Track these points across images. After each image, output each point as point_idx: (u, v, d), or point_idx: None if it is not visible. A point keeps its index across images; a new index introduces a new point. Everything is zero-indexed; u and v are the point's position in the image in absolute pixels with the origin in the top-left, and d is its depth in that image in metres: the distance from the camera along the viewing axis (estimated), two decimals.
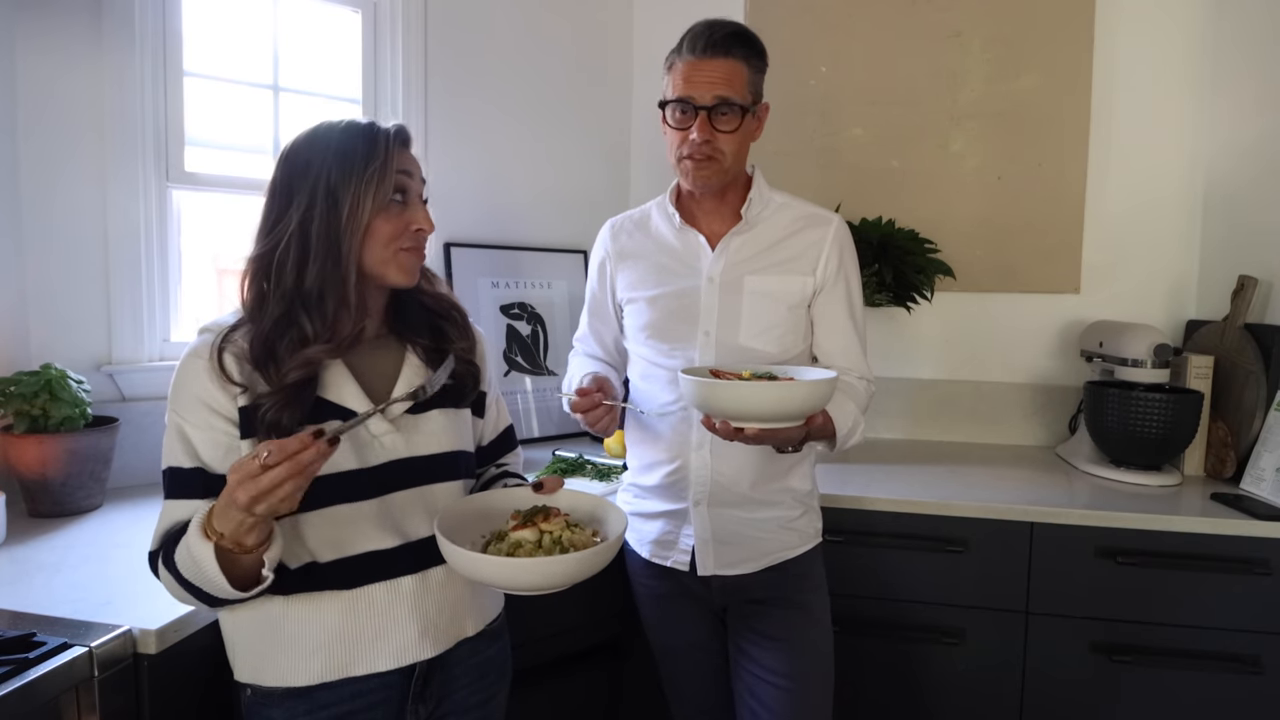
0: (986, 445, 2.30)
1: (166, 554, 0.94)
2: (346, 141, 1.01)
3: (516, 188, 2.31)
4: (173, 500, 0.97)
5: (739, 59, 1.34)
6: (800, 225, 1.44)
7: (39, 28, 1.59)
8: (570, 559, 0.96)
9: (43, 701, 0.91)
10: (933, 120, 2.33)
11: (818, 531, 1.49)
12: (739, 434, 1.20)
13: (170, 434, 0.98)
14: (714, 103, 1.32)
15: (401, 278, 1.05)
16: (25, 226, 1.59)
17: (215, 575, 0.88)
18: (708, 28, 1.34)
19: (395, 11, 2.06)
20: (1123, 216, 2.27)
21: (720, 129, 1.33)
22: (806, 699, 1.41)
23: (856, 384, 1.43)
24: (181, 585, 0.93)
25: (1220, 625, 1.65)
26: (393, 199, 1.02)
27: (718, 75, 1.32)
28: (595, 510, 1.13)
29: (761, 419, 1.17)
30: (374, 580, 1.02)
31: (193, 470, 0.97)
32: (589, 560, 0.97)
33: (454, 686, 1.10)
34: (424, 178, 1.09)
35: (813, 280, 1.41)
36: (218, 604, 0.94)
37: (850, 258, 1.45)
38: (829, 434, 1.34)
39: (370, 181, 1.00)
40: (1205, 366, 1.97)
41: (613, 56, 2.50)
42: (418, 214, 1.05)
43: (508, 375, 2.20)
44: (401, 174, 1.03)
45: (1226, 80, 2.16)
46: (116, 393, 1.70)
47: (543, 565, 0.95)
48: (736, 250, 1.42)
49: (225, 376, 0.96)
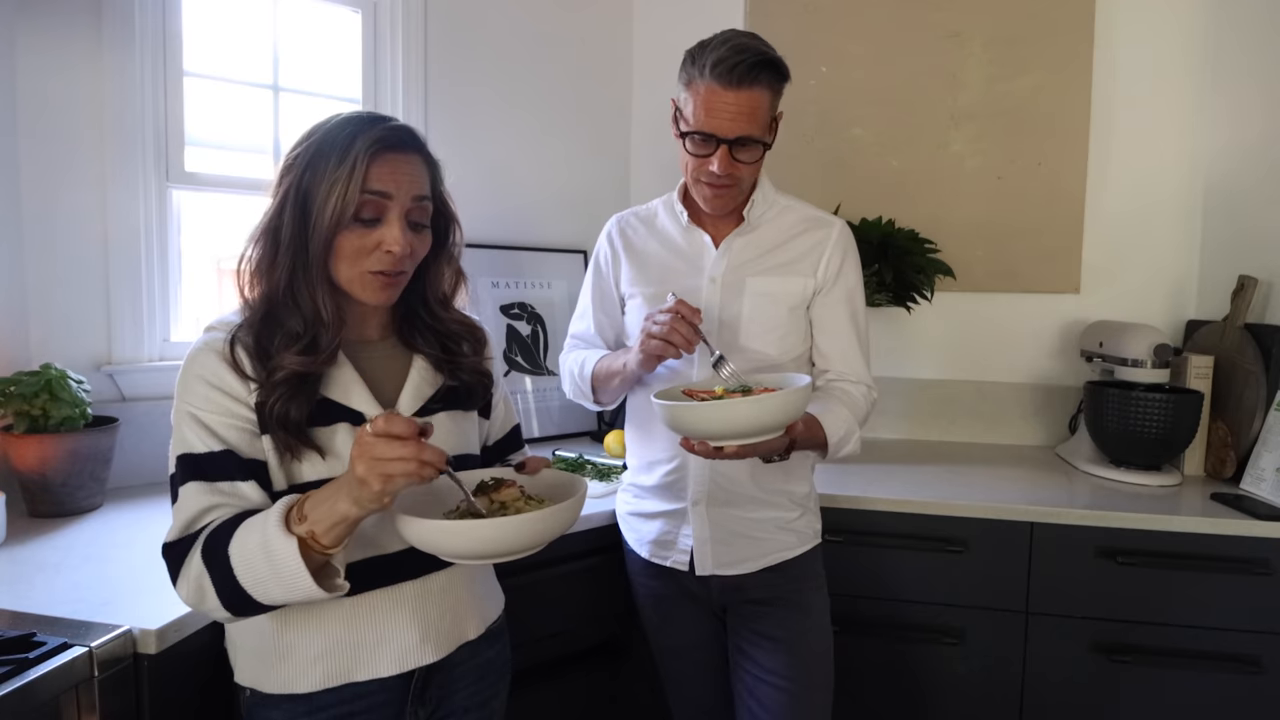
0: (986, 445, 2.30)
1: (210, 547, 0.89)
2: (325, 141, 0.96)
3: (517, 187, 2.31)
4: (192, 484, 0.92)
5: (764, 87, 1.28)
6: (803, 228, 1.43)
7: (39, 28, 1.59)
8: (502, 522, 0.90)
9: (43, 701, 0.91)
10: (933, 120, 2.33)
11: (817, 533, 1.49)
12: (719, 453, 1.19)
13: (182, 425, 0.94)
14: (737, 138, 1.29)
15: (369, 299, 1.00)
16: (25, 226, 1.59)
17: (295, 567, 0.85)
18: (734, 53, 1.26)
19: (395, 11, 2.06)
20: (1123, 216, 2.26)
21: (741, 160, 1.31)
22: (806, 700, 1.41)
23: (853, 390, 1.41)
24: (216, 582, 0.88)
25: (1220, 625, 1.65)
26: (358, 218, 0.95)
27: (742, 109, 1.27)
28: (563, 484, 1.07)
29: (736, 436, 1.16)
30: (377, 586, 1.02)
31: (223, 453, 0.93)
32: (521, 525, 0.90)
33: (454, 688, 1.10)
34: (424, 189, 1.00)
35: (813, 282, 1.41)
36: (245, 611, 0.90)
37: (852, 262, 1.44)
38: (819, 443, 1.34)
39: (331, 193, 0.93)
40: (1205, 366, 1.97)
41: (613, 56, 2.50)
42: (390, 233, 0.96)
43: (508, 375, 2.20)
44: (371, 194, 0.94)
45: (1226, 80, 2.15)
46: (116, 393, 1.70)
47: (475, 528, 0.90)
48: (739, 251, 1.42)
49: (240, 370, 0.95)
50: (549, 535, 0.94)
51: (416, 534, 0.92)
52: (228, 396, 0.94)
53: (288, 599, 0.88)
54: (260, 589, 0.87)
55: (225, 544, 0.88)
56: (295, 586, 0.86)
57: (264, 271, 0.98)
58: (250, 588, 0.87)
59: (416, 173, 1.00)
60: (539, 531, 0.92)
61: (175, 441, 0.96)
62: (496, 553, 0.92)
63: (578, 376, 1.51)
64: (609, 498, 1.67)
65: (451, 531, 0.90)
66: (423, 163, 1.02)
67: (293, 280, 0.96)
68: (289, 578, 0.86)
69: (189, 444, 0.94)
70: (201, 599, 0.90)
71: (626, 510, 1.54)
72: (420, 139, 1.03)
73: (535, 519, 0.91)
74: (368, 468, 0.83)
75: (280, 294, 0.97)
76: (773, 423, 1.16)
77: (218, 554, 0.88)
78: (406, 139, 1.00)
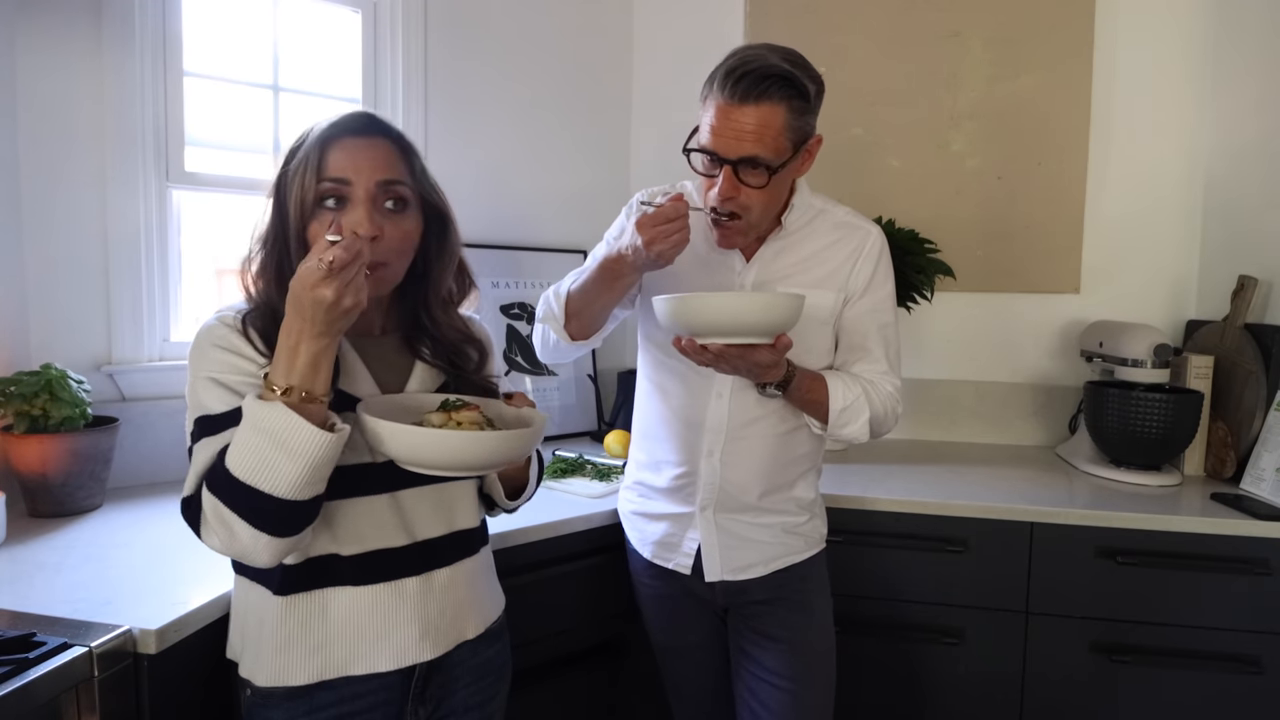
0: (986, 445, 2.30)
1: (211, 476, 0.89)
2: (300, 134, 1.00)
3: (517, 187, 2.31)
4: (207, 438, 0.92)
5: (776, 102, 1.18)
6: (838, 235, 1.38)
7: (39, 27, 1.58)
8: (461, 435, 0.93)
9: (43, 701, 0.91)
10: (932, 120, 2.33)
11: (823, 537, 1.49)
12: (704, 351, 1.16)
13: (199, 391, 0.95)
14: (739, 158, 1.20)
15: None
16: (25, 226, 1.59)
17: (291, 422, 0.84)
18: (742, 63, 1.18)
19: (395, 11, 2.06)
20: (1123, 216, 2.26)
21: (746, 183, 1.22)
22: (807, 700, 1.41)
23: (879, 383, 1.35)
24: (233, 505, 0.87)
25: (1220, 625, 1.65)
26: (321, 204, 0.97)
27: (747, 127, 1.18)
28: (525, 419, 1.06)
29: (723, 331, 1.14)
30: (381, 580, 1.02)
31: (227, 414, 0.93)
32: (480, 441, 0.93)
33: (454, 687, 1.10)
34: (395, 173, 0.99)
35: (843, 294, 1.37)
36: (276, 520, 0.87)
37: (885, 272, 1.39)
38: (820, 399, 1.30)
39: (293, 184, 0.96)
40: (1205, 366, 1.97)
41: (613, 57, 2.50)
42: (350, 216, 0.96)
43: (508, 375, 2.20)
44: (330, 181, 0.95)
45: (1226, 80, 2.15)
46: (116, 393, 1.70)
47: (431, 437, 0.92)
48: (771, 260, 1.37)
49: (253, 345, 0.96)
50: (499, 457, 0.96)
51: (373, 434, 0.94)
52: (244, 359, 0.96)
53: (302, 465, 0.86)
54: (271, 474, 0.85)
55: (223, 462, 0.88)
56: (299, 441, 0.85)
57: (260, 272, 1.00)
58: (262, 482, 0.85)
59: (379, 156, 0.99)
60: (490, 451, 0.95)
61: (192, 408, 0.96)
62: (445, 464, 0.94)
63: (553, 296, 1.38)
64: (609, 498, 1.67)
65: (398, 434, 0.92)
66: (391, 146, 1.02)
67: (280, 277, 0.97)
68: (289, 435, 0.85)
69: (206, 407, 0.94)
70: (230, 534, 0.88)
71: (630, 509, 1.53)
72: (384, 123, 1.03)
73: (488, 438, 0.94)
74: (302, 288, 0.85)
75: (272, 288, 0.99)
76: (756, 321, 1.14)
77: (219, 473, 0.88)
78: (365, 123, 1.01)
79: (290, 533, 0.90)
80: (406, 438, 0.93)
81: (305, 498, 0.89)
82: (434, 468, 0.95)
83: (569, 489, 1.75)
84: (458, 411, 0.99)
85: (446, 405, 1.00)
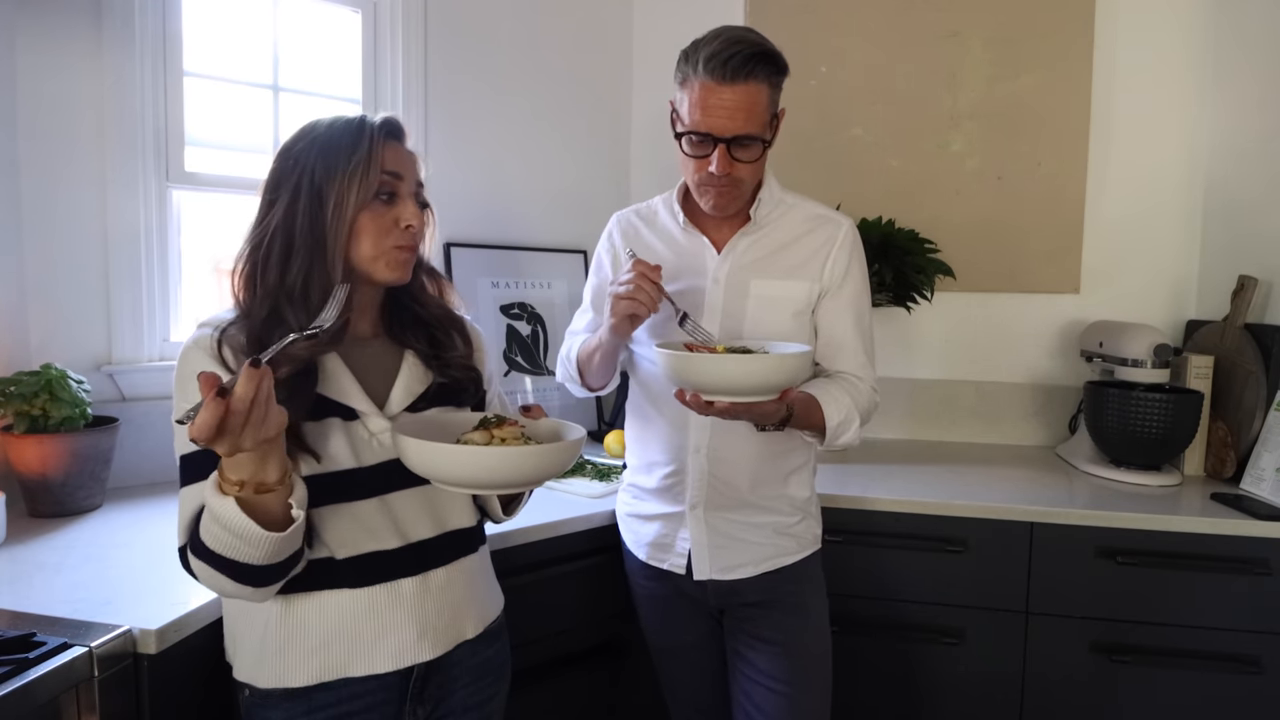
0: (986, 445, 2.30)
1: (194, 539, 0.92)
2: (332, 136, 1.01)
3: (516, 188, 2.31)
4: (190, 487, 0.95)
5: (761, 81, 1.25)
6: (809, 227, 1.41)
7: (39, 28, 1.59)
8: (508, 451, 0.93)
9: (43, 701, 0.91)
10: (933, 120, 2.33)
11: (817, 538, 1.48)
12: (709, 407, 1.17)
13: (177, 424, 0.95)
14: (734, 136, 1.26)
15: (390, 275, 1.05)
16: (25, 226, 1.59)
17: (243, 523, 0.86)
18: (727, 47, 1.23)
19: (395, 11, 2.06)
20: (1123, 216, 2.26)
21: (740, 159, 1.28)
22: (803, 704, 1.40)
23: (859, 384, 1.39)
24: (216, 568, 0.90)
25: (1220, 625, 1.65)
26: (379, 196, 1.01)
27: (739, 105, 1.24)
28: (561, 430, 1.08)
29: (731, 392, 1.15)
30: (376, 581, 1.02)
31: (206, 453, 0.92)
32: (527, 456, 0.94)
33: (453, 687, 1.10)
34: (421, 175, 1.08)
35: (818, 285, 1.39)
36: (258, 579, 0.91)
37: (858, 263, 1.42)
38: (817, 423, 1.32)
39: (353, 177, 0.99)
40: (1205, 366, 1.97)
41: (613, 57, 2.50)
42: (406, 209, 1.03)
43: (508, 375, 2.20)
44: (388, 175, 1.01)
45: (1226, 80, 2.15)
46: (116, 393, 1.70)
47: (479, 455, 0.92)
48: (743, 252, 1.40)
49: (227, 366, 0.96)
50: (545, 471, 0.98)
51: (418, 456, 0.94)
52: None
53: (263, 551, 0.88)
54: (239, 554, 0.88)
55: (199, 531, 0.91)
56: (254, 536, 0.87)
57: (280, 265, 0.99)
58: (236, 555, 0.88)
59: (415, 159, 1.09)
60: (536, 466, 0.96)
61: (176, 444, 0.97)
62: (493, 483, 0.96)
63: (566, 360, 1.50)
64: (609, 498, 1.67)
65: (455, 455, 0.93)
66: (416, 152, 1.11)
67: (310, 272, 0.98)
68: (243, 530, 0.87)
69: (186, 444, 0.96)
70: (220, 587, 0.93)
71: (625, 511, 1.53)
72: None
73: (534, 452, 0.95)
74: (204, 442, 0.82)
75: (297, 290, 0.98)
76: (767, 382, 1.15)
77: (197, 540, 0.91)
78: (403, 130, 1.09)
79: (276, 580, 0.94)
80: (452, 457, 0.93)
81: (282, 559, 0.92)
82: (483, 487, 0.96)
83: (569, 489, 1.75)
84: (499, 428, 1.00)
85: (485, 423, 1.01)
